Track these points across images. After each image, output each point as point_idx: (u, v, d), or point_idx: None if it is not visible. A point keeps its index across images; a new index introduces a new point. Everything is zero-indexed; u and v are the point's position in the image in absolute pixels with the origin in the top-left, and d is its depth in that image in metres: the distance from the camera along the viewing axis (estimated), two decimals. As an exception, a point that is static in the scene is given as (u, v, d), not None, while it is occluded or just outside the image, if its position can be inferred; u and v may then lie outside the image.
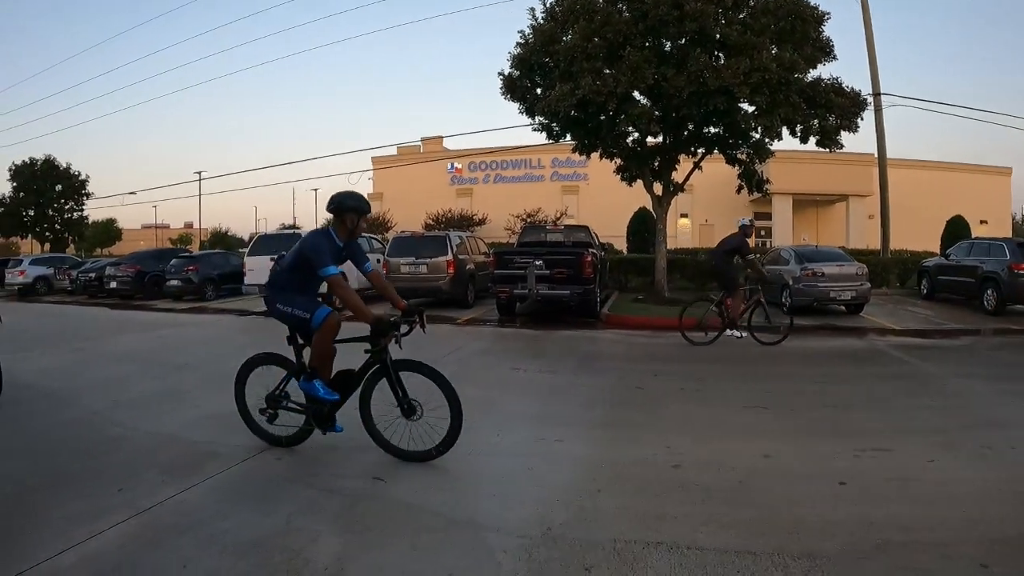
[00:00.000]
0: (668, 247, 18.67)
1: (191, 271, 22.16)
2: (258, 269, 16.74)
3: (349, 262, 5.57)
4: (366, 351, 5.14)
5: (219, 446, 5.57)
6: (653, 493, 4.45)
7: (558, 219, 40.69)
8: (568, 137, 17.28)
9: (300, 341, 5.42)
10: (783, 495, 4.44)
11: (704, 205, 42.13)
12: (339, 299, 5.46)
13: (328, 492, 4.52)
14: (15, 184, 44.78)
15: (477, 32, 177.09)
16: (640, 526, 3.95)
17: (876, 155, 23.06)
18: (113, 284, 24.22)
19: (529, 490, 4.53)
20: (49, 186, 44.93)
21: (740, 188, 18.02)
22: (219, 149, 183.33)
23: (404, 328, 5.21)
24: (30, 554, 3.76)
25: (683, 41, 14.90)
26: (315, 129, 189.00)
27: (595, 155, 17.99)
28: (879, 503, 4.31)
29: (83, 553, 3.76)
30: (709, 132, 16.51)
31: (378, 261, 18.19)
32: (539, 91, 16.39)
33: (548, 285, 13.35)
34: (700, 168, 17.67)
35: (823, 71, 16.39)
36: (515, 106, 16.80)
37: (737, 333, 11.11)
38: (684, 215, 43.09)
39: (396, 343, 5.09)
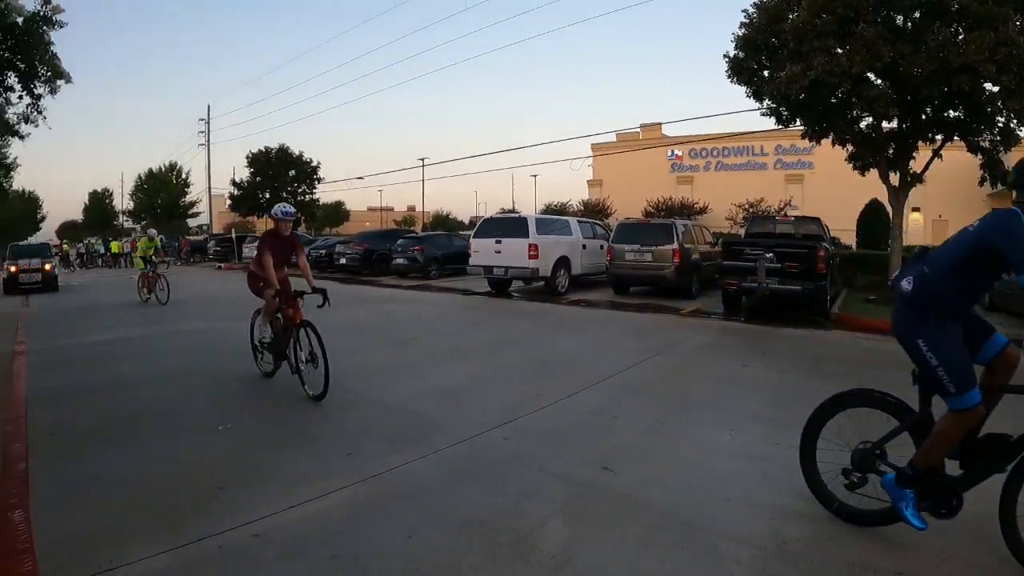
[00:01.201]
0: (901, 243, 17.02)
1: (417, 251, 23.44)
2: (483, 251, 17.27)
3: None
4: None
5: (443, 420, 5.67)
6: None
7: (781, 209, 38.89)
8: (798, 122, 16.23)
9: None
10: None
11: (939, 199, 38.43)
12: None
13: (556, 477, 4.40)
14: (252, 170, 50.00)
15: (697, 14, 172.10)
16: (877, 552, 3.52)
17: None
18: (343, 260, 26.27)
19: (763, 497, 4.18)
20: (283, 171, 49.52)
21: (983, 180, 15.75)
22: (441, 136, 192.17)
23: None
24: (258, 506, 3.99)
25: (917, 15, 13.44)
26: (534, 115, 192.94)
27: (823, 142, 16.73)
28: None
29: (309, 511, 3.93)
30: (949, 116, 14.62)
31: (601, 247, 18.18)
32: (766, 73, 15.55)
33: (778, 279, 12.58)
34: (940, 156, 15.87)
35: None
36: (738, 90, 16.07)
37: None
38: (916, 209, 39.37)
39: None
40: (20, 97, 10.71)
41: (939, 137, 15.44)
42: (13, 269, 22.69)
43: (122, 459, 4.96)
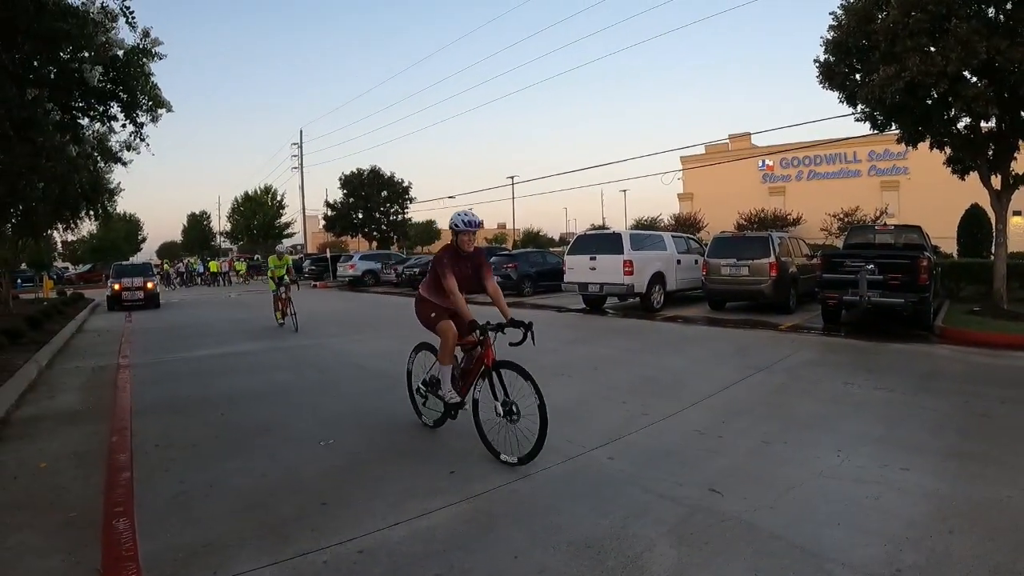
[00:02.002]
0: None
1: (511, 268, 23.59)
2: (577, 268, 17.19)
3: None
4: None
5: (548, 438, 5.66)
6: (1007, 543, 3.69)
7: (877, 218, 37.58)
8: (893, 126, 15.60)
9: None
10: None
11: (1041, 202, 36.29)
12: None
13: (663, 498, 4.30)
14: (345, 191, 51.41)
15: (782, 20, 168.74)
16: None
17: None
18: (436, 278, 26.45)
19: (875, 522, 3.97)
20: (375, 192, 50.78)
21: None
22: (531, 153, 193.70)
23: None
24: (362, 522, 4.02)
25: (1010, 6, 12.70)
26: (623, 131, 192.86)
27: (919, 146, 15.99)
28: None
29: (414, 528, 3.94)
30: None
31: (695, 262, 17.90)
32: (858, 77, 15.02)
33: (880, 292, 12.05)
34: None
35: None
36: (828, 96, 15.43)
37: None
38: (1017, 213, 37.03)
39: None
40: (123, 126, 11.19)
41: (1041, 136, 14.62)
42: (117, 287, 23.85)
43: (226, 472, 5.10)
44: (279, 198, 67.94)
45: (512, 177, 58.96)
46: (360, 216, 51.60)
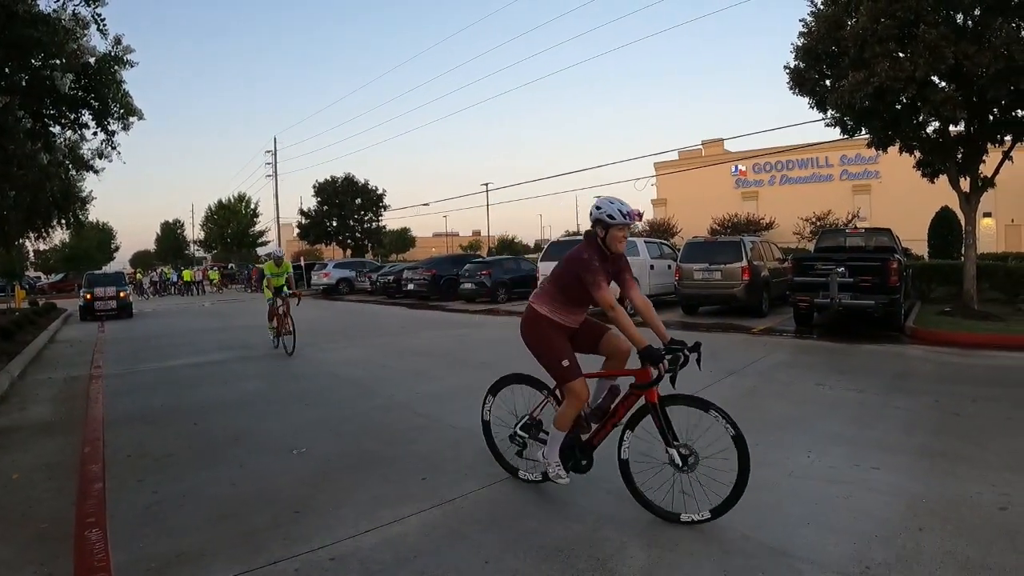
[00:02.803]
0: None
1: (484, 275, 23.68)
2: None
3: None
4: None
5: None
6: (977, 539, 3.75)
7: (849, 221, 38.06)
8: (863, 131, 15.81)
9: None
10: None
11: (1010, 203, 36.75)
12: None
13: (634, 501, 4.27)
14: (319, 199, 51.37)
15: (753, 27, 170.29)
16: (957, 577, 3.36)
17: None
18: (410, 286, 26.64)
19: (845, 521, 4.02)
20: (350, 200, 50.66)
21: None
22: (505, 161, 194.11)
23: None
24: (334, 529, 4.02)
25: (978, 12, 12.96)
26: (596, 137, 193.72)
27: (889, 150, 16.21)
28: None
29: (386, 535, 3.93)
30: (1018, 115, 14.03)
31: (668, 267, 18.00)
32: (828, 82, 15.20)
33: (851, 294, 12.23)
34: (1011, 159, 15.21)
35: None
36: (799, 101, 15.78)
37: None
38: (987, 214, 37.53)
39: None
40: (95, 133, 11.13)
41: (1008, 138, 14.87)
42: (89, 297, 23.60)
43: (199, 481, 5.07)
44: (253, 206, 67.71)
45: (486, 184, 58.92)
46: (334, 224, 51.45)
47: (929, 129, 14.95)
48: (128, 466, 5.52)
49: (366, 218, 52.41)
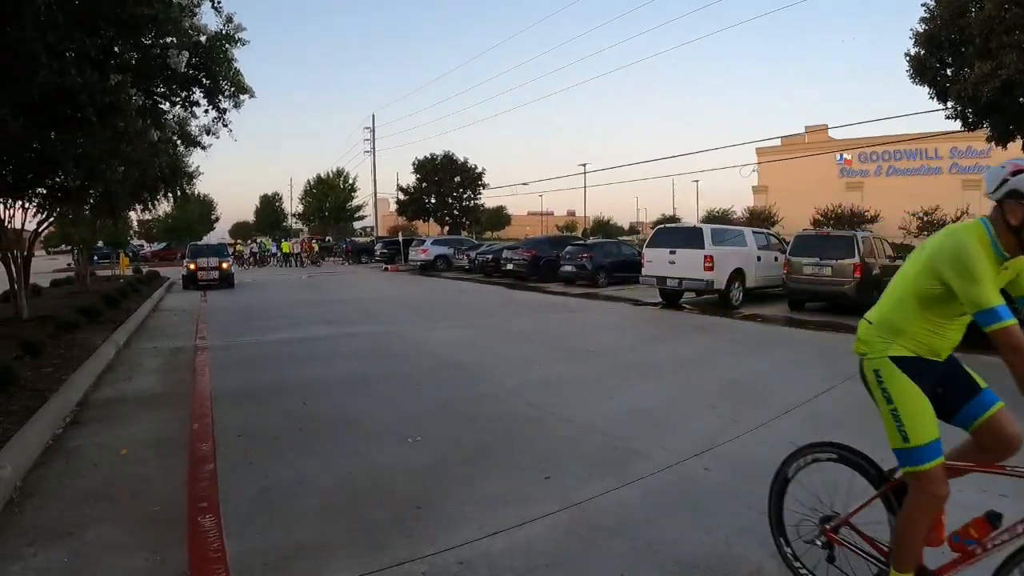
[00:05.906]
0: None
1: (586, 258, 23.52)
2: (656, 261, 16.79)
3: None
4: None
5: (640, 444, 5.37)
6: None
7: (958, 218, 36.07)
8: (985, 125, 14.79)
9: None
10: None
11: None
12: None
13: (765, 515, 3.84)
14: (418, 176, 51.89)
15: (862, 10, 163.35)
16: None
17: None
18: (509, 266, 26.67)
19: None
20: (448, 177, 51.07)
21: None
22: (603, 142, 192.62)
23: None
24: (458, 529, 3.85)
25: None
26: (697, 120, 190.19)
27: (1008, 146, 15.13)
28: None
29: (514, 539, 3.75)
30: None
31: (775, 259, 17.43)
32: (949, 72, 14.29)
33: None
34: None
35: None
36: (910, 89, 14.99)
37: None
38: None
39: None
40: (206, 111, 11.29)
41: None
42: (192, 267, 24.32)
43: (312, 467, 4.98)
44: (351, 181, 69.02)
45: (584, 165, 58.78)
46: (433, 201, 52.14)
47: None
48: (238, 447, 5.45)
49: (464, 195, 52.91)
